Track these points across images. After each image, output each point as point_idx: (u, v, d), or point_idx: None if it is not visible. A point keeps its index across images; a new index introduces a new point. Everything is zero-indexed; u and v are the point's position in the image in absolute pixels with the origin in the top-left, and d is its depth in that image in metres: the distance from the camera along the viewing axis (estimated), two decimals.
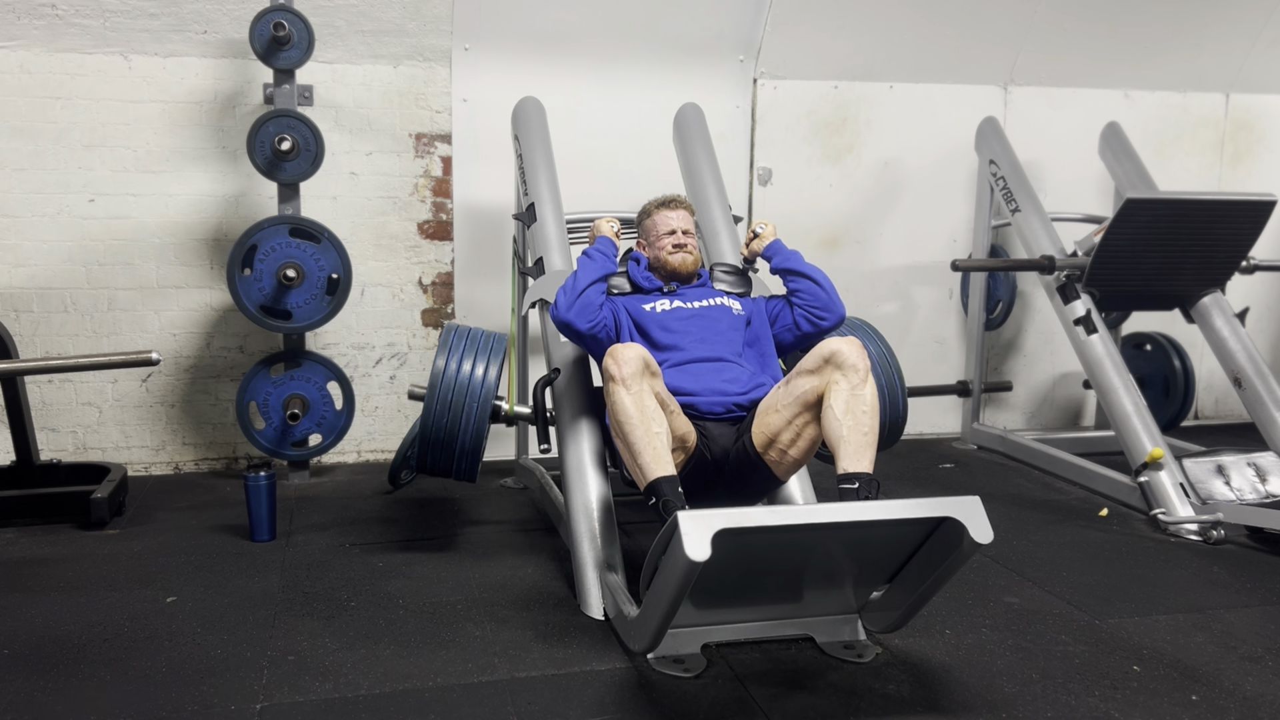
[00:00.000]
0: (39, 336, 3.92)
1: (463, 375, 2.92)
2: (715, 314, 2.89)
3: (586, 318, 2.78)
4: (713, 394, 2.68)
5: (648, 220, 3.11)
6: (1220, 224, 3.85)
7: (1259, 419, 3.81)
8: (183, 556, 3.05)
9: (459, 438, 2.92)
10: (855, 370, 2.44)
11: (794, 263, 2.94)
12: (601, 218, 3.21)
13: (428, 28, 4.03)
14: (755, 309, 2.97)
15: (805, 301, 2.90)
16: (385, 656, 2.36)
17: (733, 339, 2.84)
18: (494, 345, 3.01)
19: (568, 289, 2.82)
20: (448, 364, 2.92)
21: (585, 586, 2.65)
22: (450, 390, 2.90)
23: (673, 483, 2.37)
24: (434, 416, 2.90)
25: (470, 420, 2.91)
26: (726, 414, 2.67)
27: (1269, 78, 5.08)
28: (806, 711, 2.11)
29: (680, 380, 2.71)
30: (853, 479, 2.37)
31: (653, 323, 2.85)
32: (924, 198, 4.75)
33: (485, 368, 2.95)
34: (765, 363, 2.88)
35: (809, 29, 4.40)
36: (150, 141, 3.93)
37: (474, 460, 2.99)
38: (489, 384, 2.94)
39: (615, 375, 2.43)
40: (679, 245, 3.00)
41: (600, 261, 2.91)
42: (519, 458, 4.00)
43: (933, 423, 4.91)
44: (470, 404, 2.91)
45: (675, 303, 2.91)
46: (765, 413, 2.61)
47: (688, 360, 2.77)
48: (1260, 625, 2.60)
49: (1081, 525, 3.45)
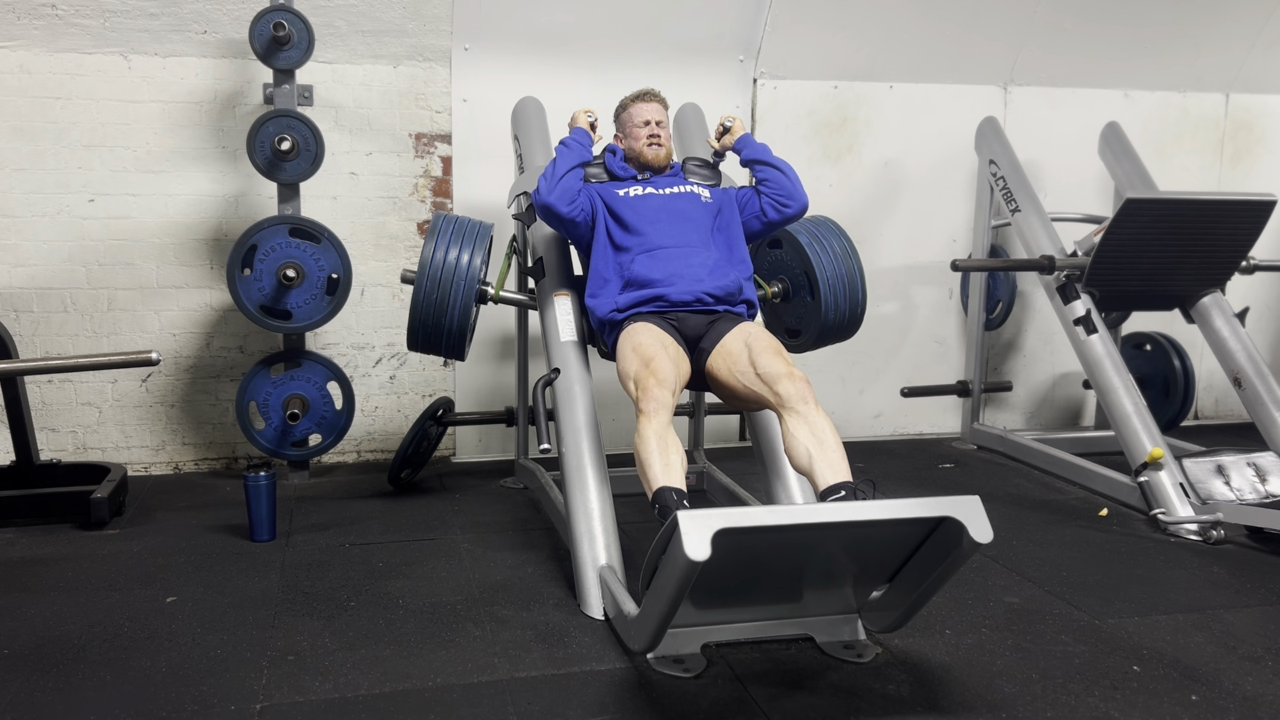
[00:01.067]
0: (39, 336, 3.92)
1: (449, 260, 3.11)
2: (685, 201, 3.06)
3: (566, 200, 2.98)
4: (682, 281, 2.86)
5: (624, 113, 3.25)
6: (1220, 224, 3.85)
7: (1259, 419, 3.81)
8: (183, 556, 3.06)
9: (446, 317, 3.13)
10: (805, 403, 2.55)
11: (762, 154, 3.13)
12: (579, 109, 3.33)
13: (428, 28, 4.03)
14: (725, 199, 3.13)
15: (771, 190, 3.08)
16: (385, 656, 2.36)
17: (701, 225, 3.01)
18: (479, 232, 3.19)
19: (548, 175, 3.01)
20: (435, 249, 3.11)
21: (585, 586, 2.65)
22: (439, 272, 3.10)
23: (679, 492, 2.39)
24: (424, 296, 3.10)
25: (457, 301, 3.12)
26: (696, 302, 2.87)
27: (1269, 78, 5.08)
28: (806, 711, 2.11)
29: (650, 268, 2.89)
30: (837, 489, 2.38)
31: (625, 207, 3.02)
32: (924, 198, 4.75)
33: (471, 253, 3.13)
34: (733, 248, 3.05)
35: (809, 29, 4.40)
36: (150, 141, 3.93)
37: (460, 339, 3.20)
38: (474, 268, 3.12)
39: (643, 408, 2.55)
40: (653, 136, 3.17)
41: (576, 150, 3.08)
42: (519, 458, 4.00)
43: (933, 423, 4.91)
44: (457, 286, 3.11)
45: (648, 189, 3.08)
46: (724, 357, 2.76)
47: (658, 245, 2.94)
48: (1260, 625, 2.60)
49: (1081, 525, 3.45)
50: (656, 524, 2.33)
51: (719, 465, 3.79)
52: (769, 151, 3.14)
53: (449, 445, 4.35)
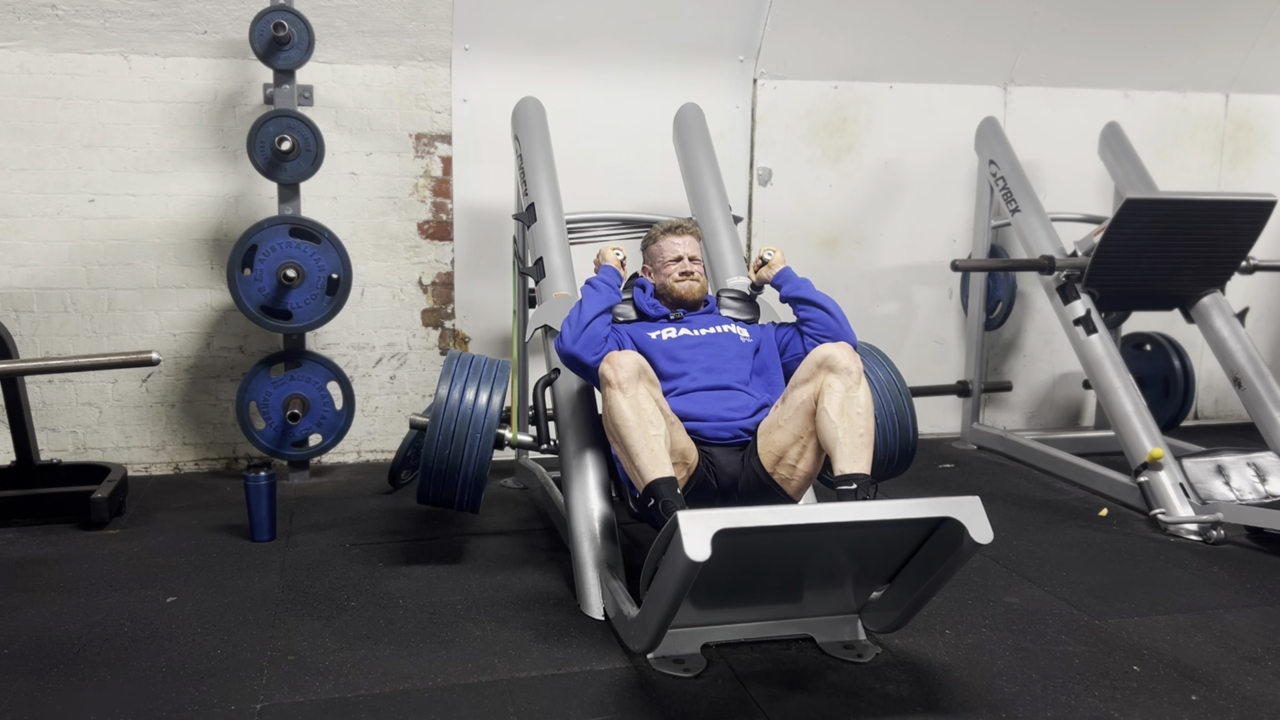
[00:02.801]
0: (39, 336, 3.92)
1: (465, 404, 2.83)
2: (722, 341, 2.83)
3: (592, 350, 2.70)
4: (718, 419, 2.65)
5: (654, 246, 3.04)
6: (1220, 224, 3.85)
7: (1259, 419, 3.81)
8: (183, 556, 3.06)
9: (462, 468, 2.84)
10: (848, 373, 2.45)
11: (804, 291, 2.88)
12: (606, 245, 3.13)
13: (428, 28, 4.03)
14: (764, 336, 2.92)
15: (816, 331, 2.83)
16: (385, 656, 2.36)
17: (740, 367, 2.80)
18: (497, 373, 2.93)
19: (573, 321, 2.74)
20: (450, 392, 2.84)
21: (585, 586, 2.65)
22: (454, 420, 2.81)
23: (671, 484, 2.37)
24: (437, 447, 2.81)
25: (474, 449, 2.83)
26: (733, 439, 2.64)
27: (1269, 78, 5.08)
28: (806, 711, 2.11)
29: (685, 407, 2.67)
30: (850, 480, 2.37)
31: (659, 351, 2.80)
32: (924, 198, 4.75)
33: (489, 395, 2.86)
34: (772, 391, 2.82)
35: (809, 29, 4.40)
36: (150, 141, 3.93)
37: (477, 490, 2.91)
38: (493, 412, 2.85)
39: (612, 380, 2.43)
40: (686, 273, 2.95)
41: (605, 292, 2.84)
42: (519, 458, 4.00)
43: (933, 423, 4.91)
44: (474, 433, 2.82)
45: (682, 330, 2.86)
46: (768, 431, 2.60)
47: (694, 389, 2.72)
48: (1260, 625, 2.60)
49: (1081, 525, 3.45)
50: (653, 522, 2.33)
51: None
52: (811, 287, 2.89)
53: None
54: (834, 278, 4.59)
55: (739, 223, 3.55)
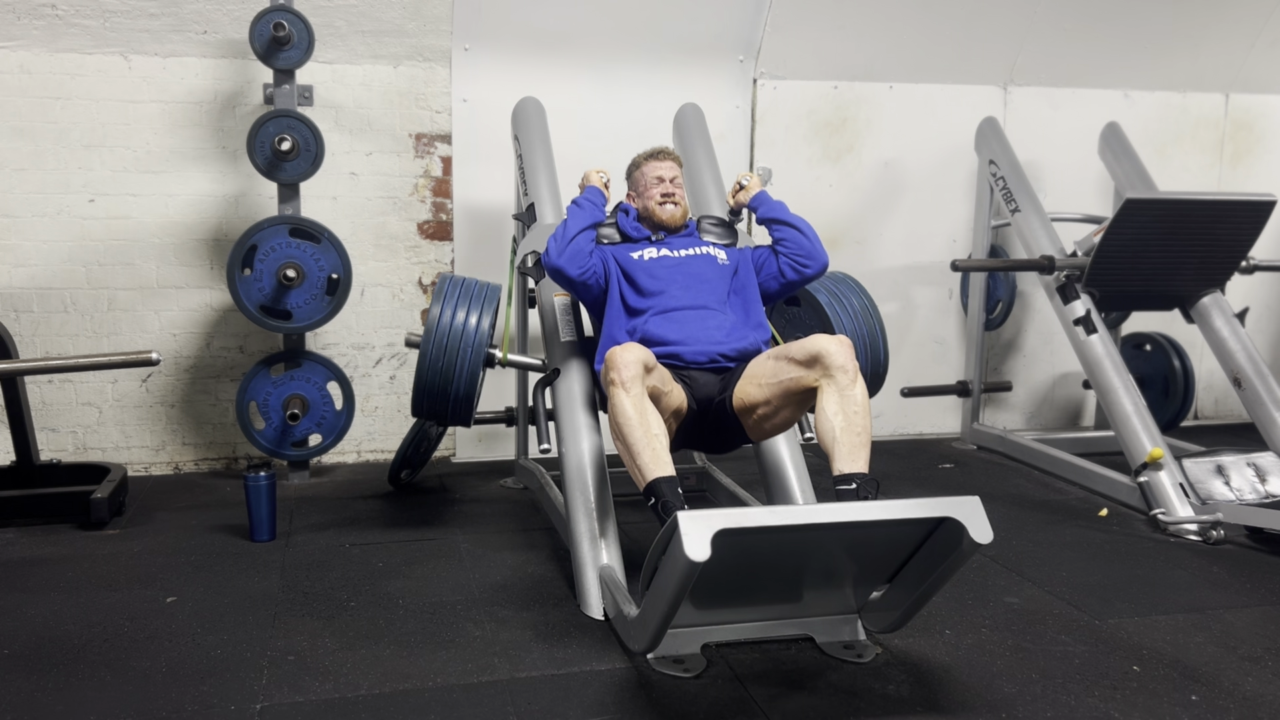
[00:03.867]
0: (39, 336, 3.92)
1: (456, 323, 3.01)
2: (701, 263, 2.96)
3: (577, 264, 2.87)
4: (697, 343, 2.77)
5: (637, 171, 3.17)
6: (1220, 224, 3.85)
7: (1259, 419, 3.81)
8: (183, 556, 3.06)
9: (453, 383, 3.02)
10: (844, 371, 2.48)
11: (779, 212, 3.02)
12: (591, 168, 3.26)
13: (428, 28, 4.03)
14: (741, 259, 3.04)
15: (790, 250, 2.96)
16: (385, 656, 2.36)
17: (717, 287, 2.92)
18: (487, 295, 3.10)
19: (558, 236, 2.91)
20: (442, 313, 3.02)
21: (585, 586, 2.65)
22: (445, 337, 3.00)
23: (672, 483, 2.37)
24: (429, 362, 3.01)
25: (464, 366, 3.01)
26: (710, 363, 2.76)
27: (1269, 78, 5.08)
28: (806, 711, 2.11)
29: (665, 329, 2.79)
30: (849, 479, 2.38)
31: (640, 270, 2.93)
32: (924, 198, 4.75)
33: (479, 317, 3.04)
34: (750, 311, 2.95)
35: (809, 29, 4.40)
36: (150, 141, 3.93)
37: (468, 405, 3.08)
38: (482, 332, 3.03)
39: (615, 380, 2.45)
40: (667, 195, 3.08)
41: (589, 210, 2.99)
42: (519, 458, 4.00)
43: (933, 423, 4.91)
44: (464, 351, 3.01)
45: (662, 251, 2.99)
46: (749, 380, 2.67)
47: (673, 308, 2.84)
48: (1260, 625, 2.60)
49: (1081, 525, 3.45)
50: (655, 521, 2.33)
51: (719, 465, 3.79)
52: (786, 209, 3.02)
53: (449, 445, 4.35)
54: None
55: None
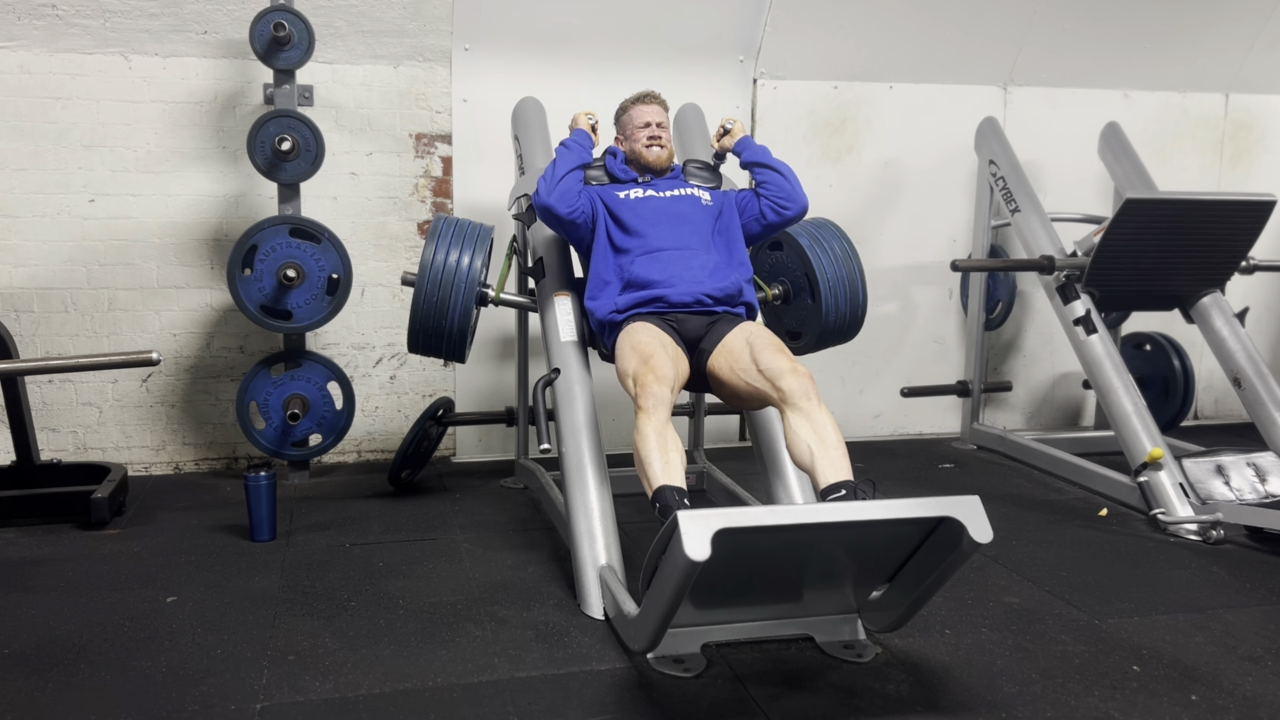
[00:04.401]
0: (39, 336, 3.92)
1: (450, 262, 3.09)
2: (685, 203, 3.05)
3: (566, 203, 2.97)
4: (681, 283, 2.86)
5: (624, 115, 3.24)
6: (1220, 224, 3.85)
7: (1259, 419, 3.81)
8: (183, 556, 3.06)
9: (447, 319, 3.11)
10: (807, 399, 2.53)
11: (761, 156, 3.10)
12: (580, 111, 3.33)
13: (428, 28, 4.03)
14: (725, 201, 3.13)
15: (771, 192, 3.06)
16: (385, 656, 2.36)
17: (701, 227, 3.01)
18: (480, 234, 3.17)
19: (548, 176, 3.00)
20: (436, 252, 3.09)
21: (585, 586, 2.65)
22: (440, 274, 3.08)
23: (679, 492, 2.39)
24: (424, 298, 3.09)
25: (457, 303, 3.10)
26: (695, 303, 2.87)
27: (1269, 78, 5.08)
28: (806, 711, 2.11)
29: (650, 269, 2.89)
30: (838, 487, 2.38)
31: (625, 209, 3.02)
32: (924, 198, 4.75)
33: (471, 256, 3.11)
34: (733, 251, 3.05)
35: (809, 29, 4.40)
36: (150, 141, 3.93)
37: (460, 341, 3.18)
38: (474, 270, 3.10)
39: (642, 405, 2.53)
40: (654, 138, 3.15)
41: (576, 151, 3.08)
42: (519, 458, 4.00)
43: (932, 423, 4.91)
44: (458, 288, 3.09)
45: (648, 191, 3.08)
46: (726, 355, 2.76)
47: (658, 248, 2.93)
48: (1260, 625, 2.60)
49: (1081, 525, 3.45)
50: (656, 523, 2.33)
51: (719, 465, 3.79)
52: (768, 154, 3.12)
53: (449, 445, 4.35)
54: None
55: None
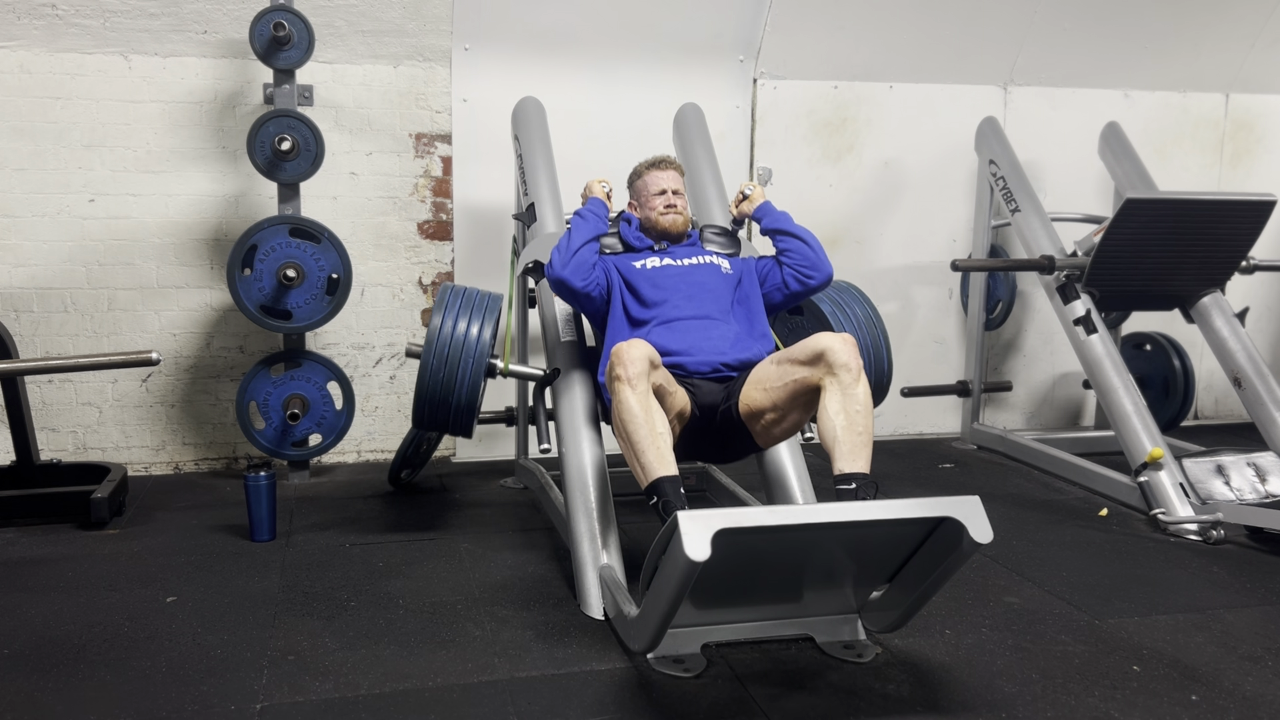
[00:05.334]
0: (39, 336, 3.92)
1: (458, 333, 2.99)
2: (704, 272, 2.95)
3: (581, 276, 2.85)
4: (700, 353, 2.75)
5: (639, 181, 3.16)
6: (1220, 224, 3.85)
7: (1259, 419, 3.81)
8: (183, 556, 3.06)
9: (455, 393, 2.99)
10: (848, 370, 2.46)
11: (783, 223, 3.00)
12: (594, 179, 3.24)
13: (428, 28, 4.03)
14: (745, 269, 3.03)
15: (794, 261, 2.95)
16: (385, 656, 2.36)
17: (721, 297, 2.91)
18: (489, 304, 3.08)
19: (562, 248, 2.89)
20: (443, 323, 2.99)
21: (585, 586, 2.65)
22: (446, 348, 2.97)
23: (675, 483, 2.37)
24: (430, 372, 2.98)
25: (465, 377, 2.99)
26: (713, 373, 2.75)
27: (1269, 78, 5.08)
28: (806, 711, 2.11)
29: (668, 339, 2.77)
30: (849, 479, 2.37)
31: (642, 279, 2.91)
32: (924, 198, 4.75)
33: (480, 326, 3.01)
34: (753, 321, 2.93)
35: (809, 29, 4.40)
36: (150, 141, 3.93)
37: (469, 415, 3.06)
38: (483, 342, 3.00)
39: (621, 375, 2.44)
40: (669, 205, 3.06)
41: (593, 221, 2.97)
42: (519, 458, 4.00)
43: (933, 423, 4.91)
44: (465, 361, 2.98)
45: (665, 260, 2.98)
46: (754, 385, 2.65)
47: (676, 317, 2.83)
48: (1260, 625, 2.60)
49: (1081, 525, 3.45)
50: (656, 520, 2.33)
51: (719, 465, 3.78)
52: (790, 220, 3.00)
53: (449, 445, 4.35)
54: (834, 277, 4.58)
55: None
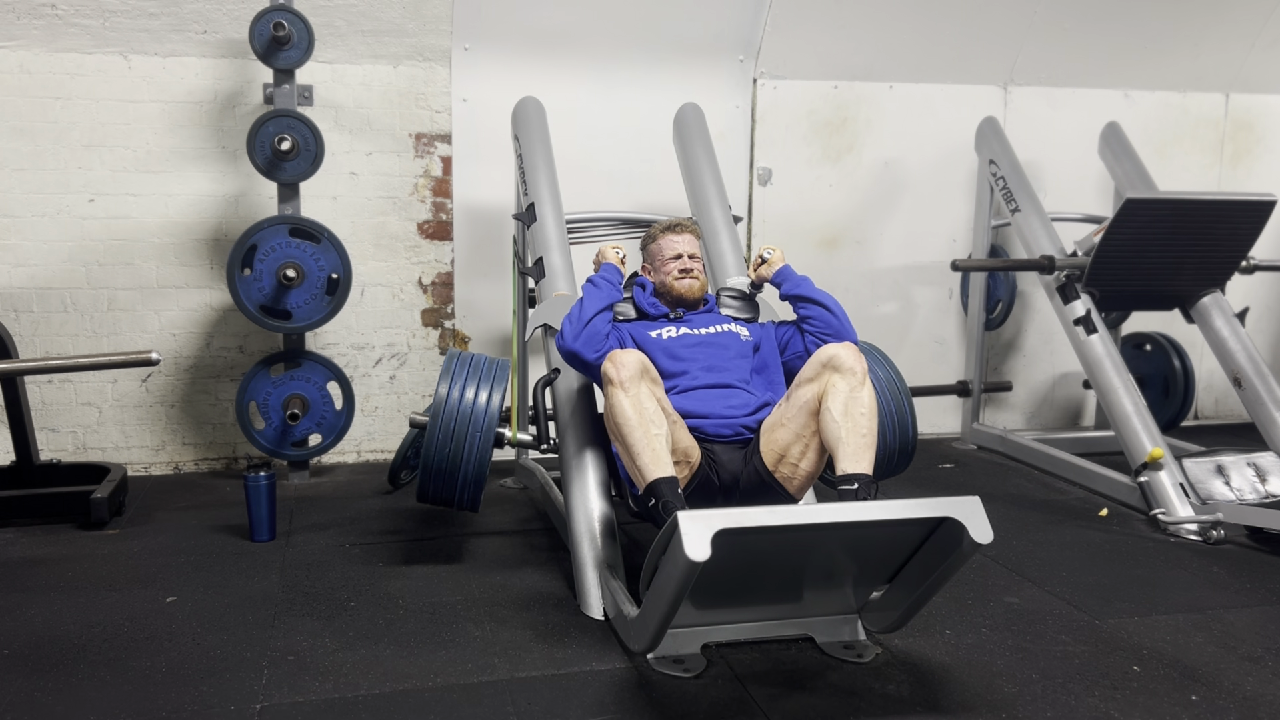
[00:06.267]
0: (39, 336, 3.92)
1: (465, 402, 2.83)
2: (723, 340, 2.83)
3: (594, 348, 2.71)
4: (720, 417, 2.65)
5: (653, 245, 3.03)
6: (1220, 224, 3.85)
7: (1259, 419, 3.81)
8: (183, 556, 3.06)
9: (462, 466, 2.84)
10: (853, 373, 2.46)
11: (805, 289, 2.88)
12: (606, 244, 3.11)
13: (428, 28, 4.03)
14: (764, 335, 2.92)
15: (817, 329, 2.83)
16: (385, 656, 2.36)
17: (740, 365, 2.80)
18: (497, 372, 2.93)
19: (574, 318, 2.75)
20: (450, 391, 2.83)
21: (585, 586, 2.65)
22: (454, 419, 2.81)
23: (672, 484, 2.37)
24: (437, 445, 2.81)
25: (474, 448, 2.82)
26: (735, 436, 2.64)
27: (1269, 78, 5.08)
28: (806, 711, 2.11)
29: (686, 405, 2.67)
30: (851, 480, 2.38)
31: (659, 350, 2.79)
32: (924, 198, 4.75)
33: (489, 394, 2.85)
34: (773, 389, 2.82)
35: (809, 29, 4.40)
36: (150, 141, 3.93)
37: (477, 489, 2.90)
38: (493, 411, 2.84)
39: (614, 379, 2.43)
40: (685, 270, 2.94)
41: (606, 290, 2.84)
42: (519, 458, 4.00)
43: (933, 423, 4.91)
44: (474, 432, 2.81)
45: (682, 329, 2.86)
46: (771, 429, 2.60)
47: (695, 387, 2.72)
48: (1260, 625, 2.60)
49: (1081, 525, 3.45)
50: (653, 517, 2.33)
51: None
52: (811, 285, 2.88)
53: None
54: (834, 278, 4.59)
55: (739, 223, 3.55)
